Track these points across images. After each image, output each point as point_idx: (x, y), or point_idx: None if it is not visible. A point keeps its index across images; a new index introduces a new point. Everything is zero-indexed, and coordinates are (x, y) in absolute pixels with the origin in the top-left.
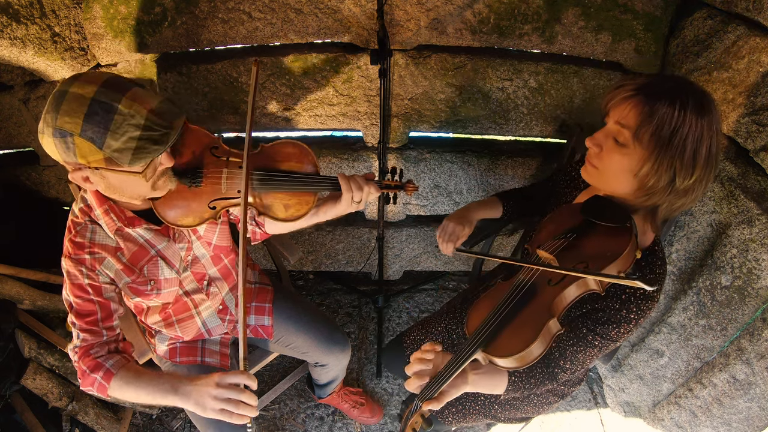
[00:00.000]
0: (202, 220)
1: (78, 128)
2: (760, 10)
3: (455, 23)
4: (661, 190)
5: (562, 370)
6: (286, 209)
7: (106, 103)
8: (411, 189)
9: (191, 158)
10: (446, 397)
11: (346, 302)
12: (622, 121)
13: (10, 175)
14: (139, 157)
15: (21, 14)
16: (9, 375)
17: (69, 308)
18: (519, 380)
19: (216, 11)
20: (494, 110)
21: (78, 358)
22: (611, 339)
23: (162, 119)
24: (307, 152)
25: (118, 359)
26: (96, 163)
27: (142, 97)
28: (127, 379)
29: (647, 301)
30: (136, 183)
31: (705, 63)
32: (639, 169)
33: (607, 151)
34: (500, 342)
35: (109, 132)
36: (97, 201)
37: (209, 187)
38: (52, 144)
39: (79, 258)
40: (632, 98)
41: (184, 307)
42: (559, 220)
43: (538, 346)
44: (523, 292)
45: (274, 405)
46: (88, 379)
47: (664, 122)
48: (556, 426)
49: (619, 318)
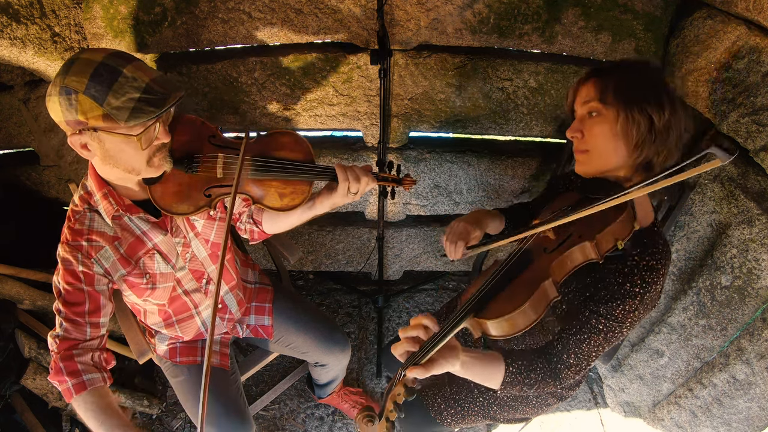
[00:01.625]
0: (197, 207)
1: (83, 86)
2: (760, 10)
3: (455, 23)
4: (645, 139)
5: (566, 366)
6: (281, 198)
7: (112, 66)
8: (409, 183)
9: (189, 145)
10: (433, 367)
11: (346, 302)
12: (586, 99)
13: (10, 175)
14: (136, 117)
15: (21, 14)
16: (9, 375)
17: (57, 294)
18: (517, 372)
19: (216, 11)
20: (494, 110)
21: (57, 351)
22: (616, 319)
23: (161, 87)
24: (302, 141)
25: (97, 378)
26: (94, 120)
27: (145, 68)
28: (95, 404)
29: (651, 272)
30: (131, 150)
31: (705, 63)
32: (617, 126)
33: (587, 129)
34: (492, 306)
35: (111, 91)
36: (96, 185)
37: (205, 174)
38: (57, 103)
39: (77, 244)
40: (585, 81)
41: (184, 307)
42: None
43: (532, 309)
44: (517, 259)
45: (274, 405)
46: (59, 376)
47: (620, 79)
48: (556, 426)
49: (623, 293)
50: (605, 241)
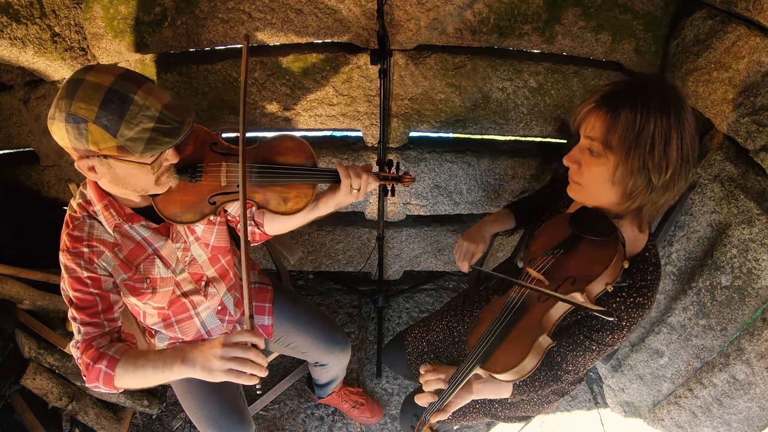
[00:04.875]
0: (203, 215)
1: (93, 115)
2: (760, 10)
3: (455, 23)
4: (641, 192)
5: (566, 372)
6: (285, 202)
7: (122, 93)
8: (408, 180)
9: (191, 154)
10: (452, 407)
11: (346, 302)
12: (590, 134)
13: (10, 175)
14: (151, 148)
15: (21, 14)
16: (9, 375)
17: (69, 303)
18: (523, 384)
19: (216, 11)
20: (494, 110)
21: (80, 353)
22: (607, 344)
23: (174, 114)
24: (305, 145)
25: (120, 346)
26: (107, 151)
27: (156, 92)
28: (132, 361)
29: (637, 309)
30: (141, 175)
31: (705, 63)
32: (614, 174)
33: (585, 165)
34: (496, 357)
35: (124, 121)
36: (97, 196)
37: (209, 182)
38: (63, 129)
39: (77, 251)
40: (596, 110)
41: (183, 309)
42: (550, 232)
43: (531, 360)
44: (515, 310)
45: (274, 405)
46: (93, 371)
47: (628, 126)
48: (556, 426)
49: (612, 325)
50: (596, 289)
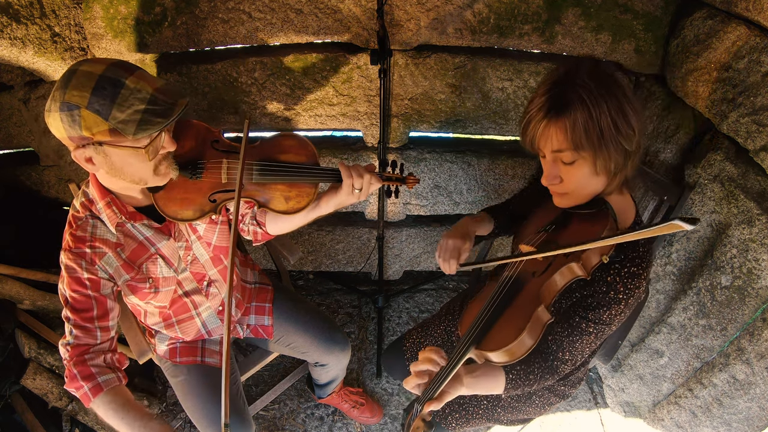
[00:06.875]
0: (203, 213)
1: (85, 101)
2: (760, 10)
3: (455, 23)
4: (623, 164)
5: (562, 362)
6: (287, 201)
7: (114, 78)
8: (412, 182)
9: (193, 151)
10: (444, 398)
11: (346, 302)
12: (556, 147)
13: (10, 175)
14: (144, 129)
15: (21, 14)
16: (9, 375)
17: (65, 303)
18: (517, 377)
19: (216, 11)
20: (494, 110)
21: (70, 358)
22: (604, 323)
23: (166, 96)
24: (307, 144)
25: (112, 378)
26: (100, 135)
27: (148, 77)
28: (113, 403)
29: (633, 279)
30: (138, 163)
31: (705, 63)
32: (596, 166)
33: (566, 175)
34: (491, 337)
35: (116, 104)
36: (99, 193)
37: (210, 179)
38: (58, 119)
39: (80, 252)
40: (549, 124)
41: (184, 308)
42: (541, 214)
43: (529, 336)
44: (509, 287)
45: (274, 405)
46: (75, 383)
47: (587, 122)
48: (556, 426)
49: (608, 300)
50: (592, 259)
